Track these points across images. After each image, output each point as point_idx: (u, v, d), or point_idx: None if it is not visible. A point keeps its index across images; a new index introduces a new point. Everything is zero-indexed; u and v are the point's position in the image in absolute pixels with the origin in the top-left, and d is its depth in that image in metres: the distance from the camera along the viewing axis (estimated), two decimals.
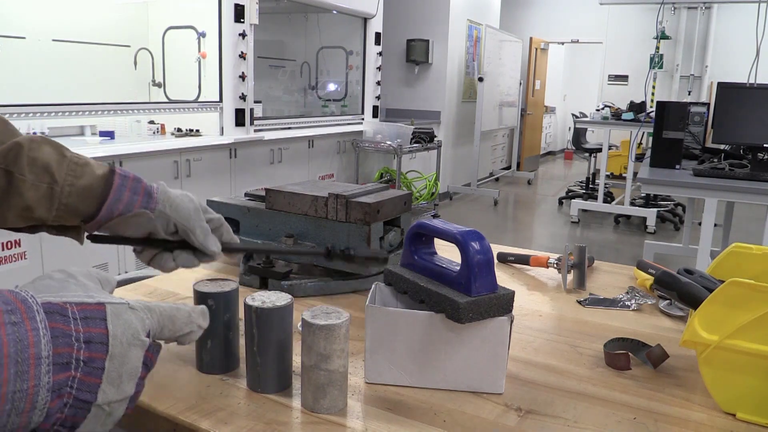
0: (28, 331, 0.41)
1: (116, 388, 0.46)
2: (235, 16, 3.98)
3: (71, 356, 0.43)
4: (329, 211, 1.16)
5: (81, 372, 0.43)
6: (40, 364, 0.41)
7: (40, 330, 0.41)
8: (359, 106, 5.89)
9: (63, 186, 0.64)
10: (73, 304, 0.45)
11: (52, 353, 0.41)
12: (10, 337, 0.40)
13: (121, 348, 0.46)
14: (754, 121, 3.11)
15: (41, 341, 0.41)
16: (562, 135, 13.76)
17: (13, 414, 0.40)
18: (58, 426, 0.44)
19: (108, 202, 0.67)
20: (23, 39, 3.55)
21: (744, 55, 7.22)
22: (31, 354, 0.40)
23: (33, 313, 0.42)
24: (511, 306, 0.78)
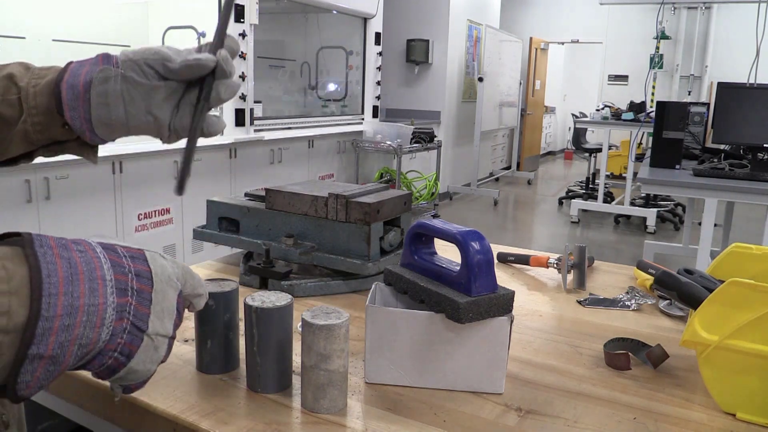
0: (93, 258, 0.46)
1: (161, 321, 0.49)
2: (235, 16, 3.98)
3: (127, 284, 0.47)
4: (329, 211, 1.16)
5: (135, 300, 0.47)
6: (106, 285, 0.45)
7: (101, 258, 0.46)
8: (359, 106, 5.89)
9: (28, 89, 0.62)
10: (119, 245, 0.50)
11: (114, 278, 0.46)
12: (81, 259, 0.45)
13: (161, 285, 0.50)
14: (754, 121, 3.11)
15: (104, 266, 0.46)
16: (562, 135, 13.76)
17: (87, 327, 0.44)
18: (118, 353, 0.47)
19: (66, 79, 0.61)
20: (23, 39, 3.55)
21: (744, 55, 7.23)
22: (98, 275, 0.45)
23: (93, 246, 0.47)
24: (511, 306, 0.78)
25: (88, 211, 3.13)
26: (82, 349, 0.44)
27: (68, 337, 0.43)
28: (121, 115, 0.61)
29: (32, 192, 2.84)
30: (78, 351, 0.44)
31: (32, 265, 0.42)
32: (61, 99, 0.61)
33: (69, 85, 0.60)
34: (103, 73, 0.60)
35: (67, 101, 0.60)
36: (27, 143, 0.63)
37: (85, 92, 0.60)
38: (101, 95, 0.60)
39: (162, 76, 0.61)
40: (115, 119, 0.61)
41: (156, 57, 0.60)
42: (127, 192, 3.34)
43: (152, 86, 0.61)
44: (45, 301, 0.41)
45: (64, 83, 0.61)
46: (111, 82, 0.60)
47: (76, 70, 0.62)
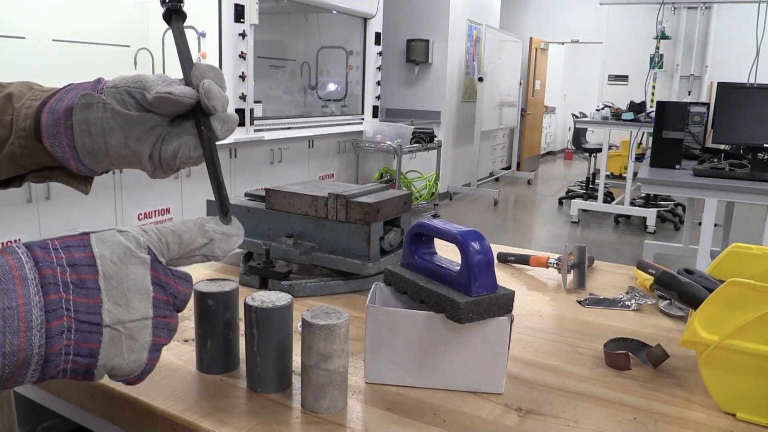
0: (9, 259, 0.41)
1: (124, 307, 0.44)
2: (235, 16, 3.98)
3: (57, 278, 0.41)
4: (329, 211, 1.16)
5: (74, 294, 0.42)
6: (27, 284, 0.40)
7: (21, 257, 0.41)
8: (359, 106, 5.89)
9: (20, 110, 0.58)
10: (54, 239, 0.44)
11: (37, 276, 0.41)
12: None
13: (114, 267, 0.43)
14: (754, 121, 3.11)
15: (24, 266, 0.41)
16: (562, 135, 13.76)
17: (8, 333, 0.39)
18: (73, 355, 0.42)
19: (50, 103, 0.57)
20: (23, 39, 3.55)
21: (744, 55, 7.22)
22: (15, 275, 0.40)
23: (12, 248, 0.42)
24: (511, 306, 0.78)
25: (88, 211, 3.13)
26: (11, 358, 0.39)
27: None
28: (102, 145, 0.57)
29: (32, 192, 2.85)
30: (6, 360, 0.39)
31: None
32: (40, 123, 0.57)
33: (50, 110, 0.57)
34: (85, 99, 0.56)
35: (46, 127, 0.57)
36: (16, 166, 0.60)
37: (66, 119, 0.56)
38: (83, 122, 0.56)
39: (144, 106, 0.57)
40: (97, 149, 0.57)
41: (137, 86, 0.56)
42: (127, 192, 3.34)
43: (131, 116, 0.56)
44: None
45: (46, 108, 0.57)
46: (93, 109, 0.56)
47: (64, 95, 0.58)
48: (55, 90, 0.60)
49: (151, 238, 0.47)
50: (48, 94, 0.59)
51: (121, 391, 0.77)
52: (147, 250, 0.46)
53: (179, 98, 0.55)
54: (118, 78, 0.58)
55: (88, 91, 0.57)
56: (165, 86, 0.55)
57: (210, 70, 0.57)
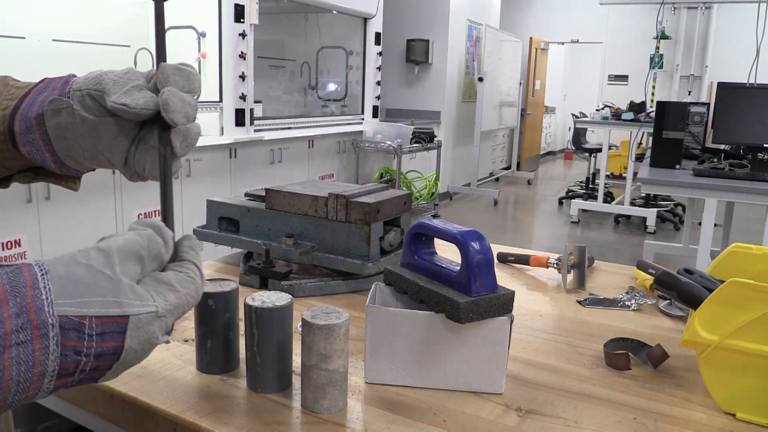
0: (36, 351, 0.39)
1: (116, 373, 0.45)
2: (235, 16, 3.98)
3: (77, 368, 0.41)
4: (329, 211, 1.16)
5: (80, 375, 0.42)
6: (43, 378, 0.40)
7: (50, 347, 0.40)
8: (359, 106, 5.89)
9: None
10: (93, 318, 0.41)
11: (58, 368, 0.40)
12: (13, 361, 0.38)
13: (134, 356, 0.44)
14: (754, 121, 3.11)
15: (48, 359, 0.40)
16: (562, 135, 13.76)
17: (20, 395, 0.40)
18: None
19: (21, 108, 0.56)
20: (23, 39, 3.55)
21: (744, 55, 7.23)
22: (35, 373, 0.39)
23: (46, 329, 0.39)
24: (511, 306, 0.78)
25: (88, 211, 3.13)
26: None
27: None
28: (79, 149, 0.55)
29: (32, 192, 2.85)
30: None
31: None
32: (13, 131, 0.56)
33: (22, 117, 0.55)
34: (54, 105, 0.54)
35: (20, 135, 0.55)
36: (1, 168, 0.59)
37: (39, 125, 0.55)
38: (56, 128, 0.55)
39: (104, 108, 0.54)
40: (75, 153, 0.56)
41: (97, 89, 0.53)
42: (127, 192, 3.34)
43: (94, 122, 0.54)
44: None
45: (18, 114, 0.55)
46: (63, 114, 0.54)
47: (35, 97, 0.56)
48: (28, 88, 0.58)
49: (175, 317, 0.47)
50: (22, 93, 0.57)
51: (121, 391, 0.77)
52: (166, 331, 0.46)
53: (135, 111, 0.52)
54: (83, 78, 0.55)
55: (55, 97, 0.55)
56: (122, 94, 0.52)
57: (175, 73, 0.53)
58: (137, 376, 0.80)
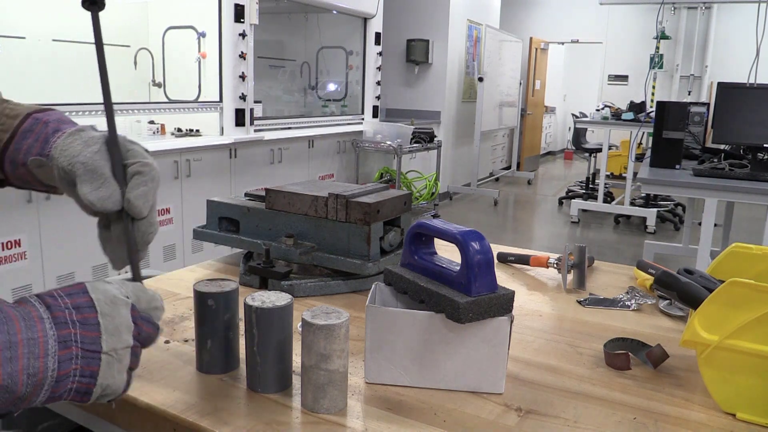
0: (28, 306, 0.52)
1: (117, 337, 0.54)
2: (235, 16, 3.98)
3: (66, 318, 0.52)
4: (329, 211, 1.16)
5: (80, 329, 0.52)
6: (44, 322, 0.51)
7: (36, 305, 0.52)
8: (359, 106, 5.89)
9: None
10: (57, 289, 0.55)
11: (51, 316, 0.52)
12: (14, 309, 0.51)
13: (108, 307, 0.54)
14: (754, 121, 3.11)
15: (39, 309, 0.52)
16: (562, 135, 13.75)
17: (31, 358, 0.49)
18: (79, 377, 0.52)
19: (9, 151, 0.66)
20: (23, 39, 3.55)
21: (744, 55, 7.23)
22: (34, 315, 0.51)
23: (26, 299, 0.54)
24: (511, 306, 0.78)
25: None
26: (32, 378, 0.49)
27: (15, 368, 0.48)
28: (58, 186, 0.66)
29: (32, 192, 2.84)
30: (29, 380, 0.49)
31: None
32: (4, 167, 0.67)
33: (10, 160, 0.67)
34: (35, 163, 0.65)
35: (9, 172, 0.68)
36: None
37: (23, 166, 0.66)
38: (38, 173, 0.66)
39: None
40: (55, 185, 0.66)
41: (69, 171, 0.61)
42: None
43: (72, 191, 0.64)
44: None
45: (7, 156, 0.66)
46: (44, 169, 0.65)
47: (19, 144, 0.65)
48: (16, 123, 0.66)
49: (128, 291, 0.58)
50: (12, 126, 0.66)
51: None
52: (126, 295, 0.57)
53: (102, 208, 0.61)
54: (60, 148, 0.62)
55: (36, 158, 0.64)
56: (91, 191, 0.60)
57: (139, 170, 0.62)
58: (137, 376, 0.80)
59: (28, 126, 0.66)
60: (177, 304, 1.07)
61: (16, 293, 2.89)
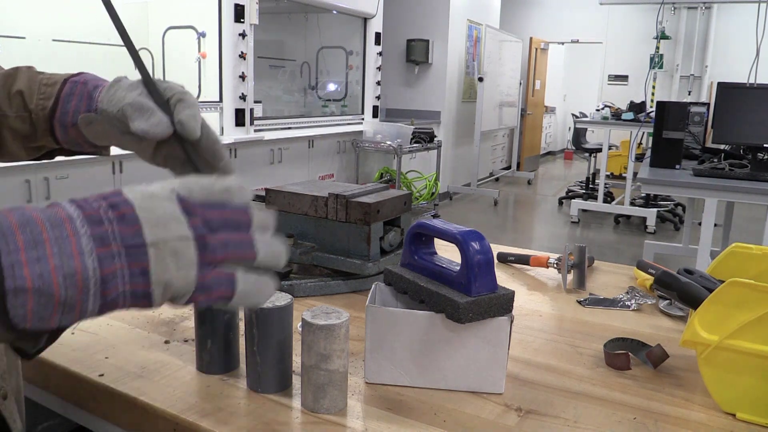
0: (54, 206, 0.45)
1: (163, 227, 0.47)
2: (235, 16, 3.98)
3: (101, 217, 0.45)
4: (329, 211, 1.16)
5: (117, 225, 0.46)
6: (73, 220, 0.44)
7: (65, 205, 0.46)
8: (359, 106, 5.89)
9: (37, 112, 0.69)
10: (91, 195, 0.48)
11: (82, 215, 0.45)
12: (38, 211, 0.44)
13: (143, 201, 0.47)
14: (754, 121, 3.11)
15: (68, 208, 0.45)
16: (562, 135, 13.76)
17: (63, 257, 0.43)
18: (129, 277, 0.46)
19: (57, 115, 0.69)
20: (23, 39, 3.55)
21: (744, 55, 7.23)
22: (62, 215, 0.44)
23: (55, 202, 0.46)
24: (511, 306, 0.78)
25: None
26: (70, 279, 0.43)
27: (45, 268, 0.42)
28: (111, 143, 0.70)
29: (32, 192, 2.85)
30: (66, 282, 0.43)
31: None
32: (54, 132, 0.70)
33: (59, 123, 0.70)
34: (85, 120, 0.68)
35: (59, 135, 0.70)
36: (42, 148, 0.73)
37: (74, 128, 0.69)
38: (89, 134, 0.69)
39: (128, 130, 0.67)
40: (108, 144, 0.71)
41: (120, 114, 0.66)
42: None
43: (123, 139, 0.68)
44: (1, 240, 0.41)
45: (56, 120, 0.69)
46: (93, 125, 0.68)
47: (65, 107, 0.69)
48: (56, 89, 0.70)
49: (174, 184, 0.50)
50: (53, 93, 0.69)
51: (121, 391, 0.77)
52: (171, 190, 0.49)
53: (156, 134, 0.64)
54: (105, 98, 0.68)
55: (86, 114, 0.68)
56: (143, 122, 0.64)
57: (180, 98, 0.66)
58: (137, 376, 0.80)
59: (69, 90, 0.69)
60: None
61: None
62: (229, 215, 0.50)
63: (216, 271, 0.49)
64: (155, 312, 1.02)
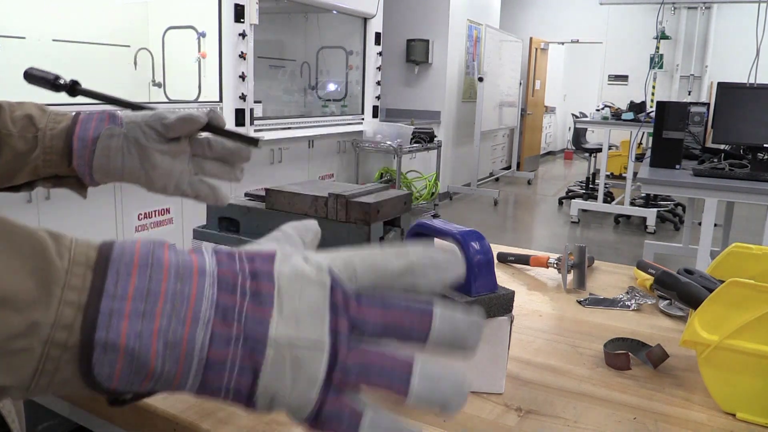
0: (191, 254, 0.38)
1: (294, 324, 0.37)
2: (235, 16, 3.98)
3: (236, 283, 0.37)
4: (329, 211, 1.16)
5: (249, 301, 0.37)
6: (204, 275, 0.37)
7: (205, 255, 0.38)
8: (359, 106, 5.89)
9: (45, 131, 0.73)
10: (241, 250, 0.40)
11: (216, 272, 0.37)
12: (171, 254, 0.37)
13: (288, 282, 0.38)
14: (754, 121, 3.11)
15: (205, 260, 0.38)
16: (562, 135, 13.76)
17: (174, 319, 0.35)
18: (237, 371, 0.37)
19: (77, 132, 0.73)
20: (23, 39, 3.55)
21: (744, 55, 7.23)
22: (194, 266, 0.37)
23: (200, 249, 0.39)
24: (511, 306, 0.78)
25: (88, 211, 3.13)
26: (171, 351, 0.35)
27: (149, 328, 0.34)
28: (119, 166, 0.73)
29: (32, 192, 2.84)
30: (166, 351, 0.35)
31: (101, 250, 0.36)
32: (72, 148, 0.73)
33: (80, 138, 0.73)
34: (110, 131, 0.73)
35: (77, 151, 0.73)
36: (33, 175, 0.75)
37: (92, 145, 0.73)
38: (105, 149, 0.73)
39: (161, 134, 0.73)
40: (112, 168, 0.74)
41: (154, 117, 0.72)
42: (127, 192, 3.34)
43: (149, 147, 0.73)
44: (111, 279, 0.35)
45: (75, 136, 0.73)
46: (114, 138, 0.73)
47: (86, 124, 0.74)
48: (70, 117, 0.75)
49: (335, 261, 0.40)
50: (65, 120, 0.75)
51: None
52: (329, 272, 0.39)
53: (198, 117, 0.72)
54: (130, 113, 0.75)
55: (112, 126, 0.73)
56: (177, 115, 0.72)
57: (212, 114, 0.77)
58: None
59: (86, 116, 0.74)
60: None
61: None
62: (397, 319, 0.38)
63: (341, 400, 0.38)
64: None
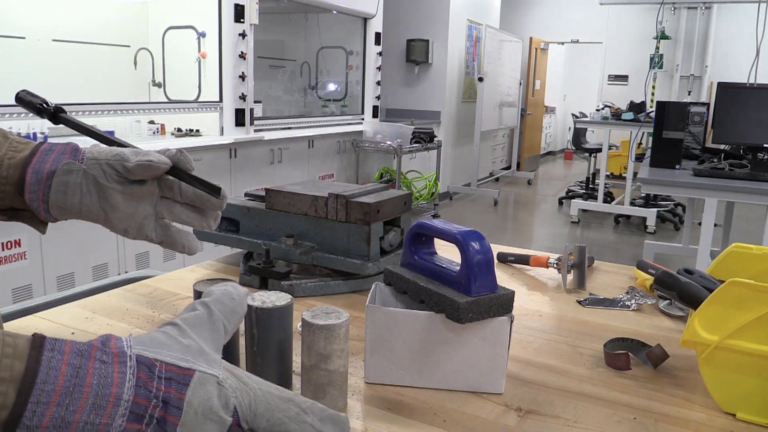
0: (115, 372, 0.42)
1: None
2: (235, 16, 3.99)
3: (147, 410, 0.43)
4: (329, 211, 1.16)
5: (152, 429, 0.43)
6: (119, 405, 0.41)
7: (127, 374, 0.43)
8: (359, 106, 5.89)
9: (3, 160, 0.66)
10: (163, 363, 0.45)
11: (132, 400, 0.42)
12: (96, 371, 0.42)
13: (194, 417, 0.44)
14: (754, 121, 3.11)
15: (125, 384, 0.42)
16: (562, 135, 13.76)
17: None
18: None
19: (33, 164, 0.66)
20: (23, 39, 3.55)
21: (744, 55, 7.23)
22: (112, 393, 0.41)
23: (125, 358, 0.44)
24: (511, 306, 0.78)
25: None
26: None
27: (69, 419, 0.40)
28: (76, 203, 0.67)
29: None
30: None
31: (29, 367, 0.40)
32: (24, 181, 0.66)
33: (34, 171, 0.66)
34: (68, 167, 0.66)
35: (29, 185, 0.65)
36: None
37: (47, 179, 0.66)
38: (62, 184, 0.66)
39: (122, 175, 0.67)
40: (69, 205, 0.67)
41: (117, 158, 0.66)
42: None
43: (109, 187, 0.66)
44: (30, 409, 0.39)
45: (30, 167, 0.66)
46: (73, 174, 0.66)
47: (44, 156, 0.66)
48: (32, 146, 0.68)
49: (243, 402, 0.47)
50: (27, 150, 0.67)
51: None
52: (233, 412, 0.46)
53: (157, 165, 0.66)
54: (95, 149, 0.68)
55: (71, 161, 0.66)
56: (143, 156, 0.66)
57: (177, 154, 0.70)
58: None
59: (48, 147, 0.68)
60: (177, 304, 1.07)
61: (16, 293, 2.89)
62: None
63: None
64: (155, 312, 1.02)
